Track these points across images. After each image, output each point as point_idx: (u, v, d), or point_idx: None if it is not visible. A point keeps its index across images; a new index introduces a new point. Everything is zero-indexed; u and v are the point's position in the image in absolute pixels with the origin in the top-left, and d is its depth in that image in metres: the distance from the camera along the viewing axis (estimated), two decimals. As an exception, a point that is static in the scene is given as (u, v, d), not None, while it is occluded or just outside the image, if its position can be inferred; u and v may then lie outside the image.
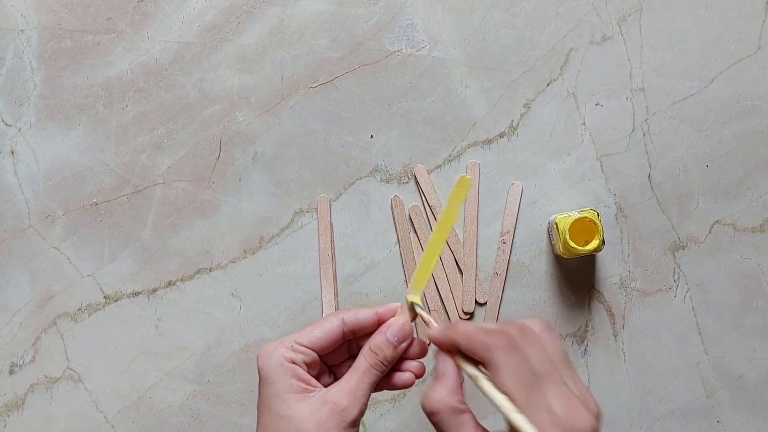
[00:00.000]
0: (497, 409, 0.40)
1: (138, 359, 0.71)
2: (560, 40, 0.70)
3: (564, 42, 0.70)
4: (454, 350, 0.44)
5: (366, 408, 0.46)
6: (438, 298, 0.71)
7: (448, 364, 0.44)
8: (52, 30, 0.71)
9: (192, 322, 0.71)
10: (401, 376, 0.49)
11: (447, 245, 0.71)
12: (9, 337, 0.71)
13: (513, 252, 0.71)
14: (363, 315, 0.48)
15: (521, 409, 0.39)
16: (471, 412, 0.42)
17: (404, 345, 0.48)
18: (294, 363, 0.46)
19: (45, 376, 0.71)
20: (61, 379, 0.71)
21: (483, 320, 0.71)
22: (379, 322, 0.48)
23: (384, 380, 0.49)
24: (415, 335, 0.50)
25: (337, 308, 0.71)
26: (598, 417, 0.41)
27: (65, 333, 0.71)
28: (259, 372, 0.47)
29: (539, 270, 0.71)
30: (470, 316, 0.71)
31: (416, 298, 0.48)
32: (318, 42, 0.71)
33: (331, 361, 0.50)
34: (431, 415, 0.42)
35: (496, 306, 0.71)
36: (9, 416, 0.71)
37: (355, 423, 0.46)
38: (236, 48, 0.71)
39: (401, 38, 0.71)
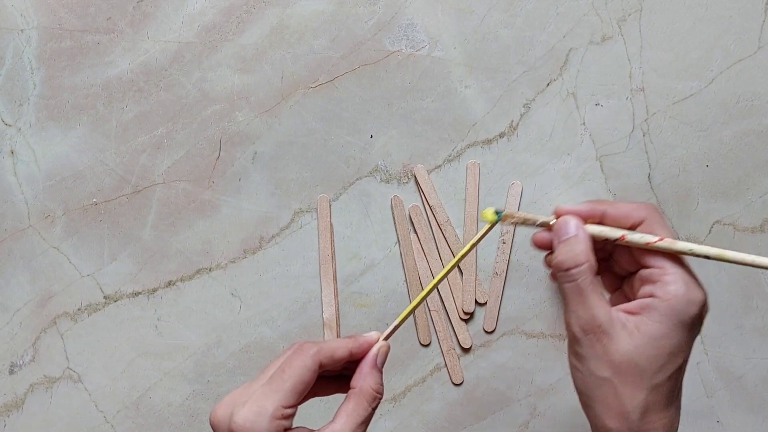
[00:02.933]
0: (659, 248, 0.42)
1: (138, 359, 0.71)
2: (560, 40, 0.70)
3: (564, 42, 0.70)
4: (586, 222, 0.45)
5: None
6: (438, 298, 0.71)
7: (578, 228, 0.44)
8: (52, 30, 0.71)
9: (192, 322, 0.71)
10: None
11: (447, 245, 0.71)
12: (9, 337, 0.71)
13: (513, 252, 0.71)
14: (339, 354, 0.44)
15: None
16: None
17: (362, 338, 0.46)
18: (287, 430, 0.41)
19: (45, 375, 0.71)
20: (61, 379, 0.71)
21: (483, 321, 0.71)
22: (351, 355, 0.45)
23: (331, 386, 0.47)
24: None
25: (337, 308, 0.71)
26: None
27: (65, 333, 0.71)
28: None
29: (539, 270, 0.71)
30: (470, 316, 0.71)
31: (489, 213, 0.47)
32: (318, 42, 0.71)
33: None
34: (572, 269, 0.43)
35: (496, 306, 0.71)
36: (9, 416, 0.71)
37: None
38: (236, 48, 0.71)
39: (401, 38, 0.71)
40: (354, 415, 0.43)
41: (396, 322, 0.48)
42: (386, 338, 0.47)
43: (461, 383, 0.71)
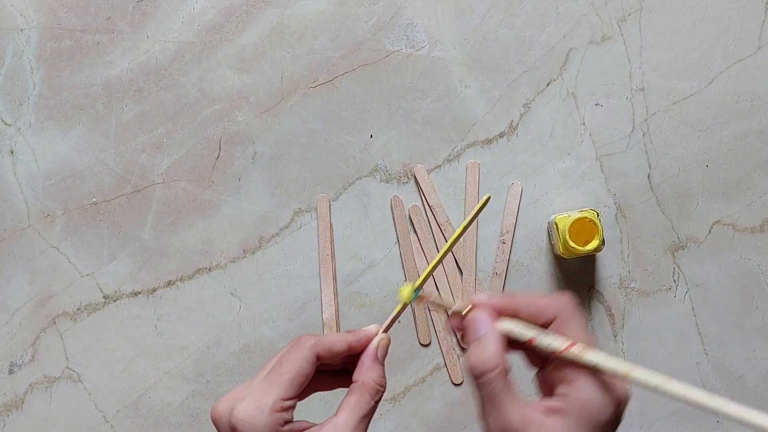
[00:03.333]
0: (567, 357, 0.41)
1: (137, 359, 0.71)
2: (560, 40, 0.70)
3: (564, 42, 0.70)
4: (500, 316, 0.43)
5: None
6: (438, 297, 0.71)
7: (489, 326, 0.43)
8: (52, 30, 0.71)
9: (191, 321, 0.71)
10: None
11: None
12: (8, 337, 0.71)
13: (513, 252, 0.71)
14: (337, 348, 0.44)
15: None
16: None
17: (361, 332, 0.45)
18: (287, 423, 0.42)
19: (44, 375, 0.71)
20: (61, 378, 0.71)
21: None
22: (350, 349, 0.45)
23: (335, 380, 0.47)
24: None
25: (337, 308, 0.71)
26: None
27: (65, 333, 0.71)
28: None
29: (539, 270, 0.71)
30: (470, 316, 0.71)
31: (406, 292, 0.46)
32: (318, 42, 0.71)
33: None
34: (481, 376, 0.41)
35: (495, 306, 0.71)
36: (8, 416, 0.71)
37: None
38: (236, 48, 0.71)
39: (401, 38, 0.71)
40: (356, 408, 0.43)
41: (393, 314, 0.47)
42: (385, 331, 0.47)
43: (461, 383, 0.71)
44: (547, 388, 0.44)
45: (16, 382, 0.71)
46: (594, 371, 0.41)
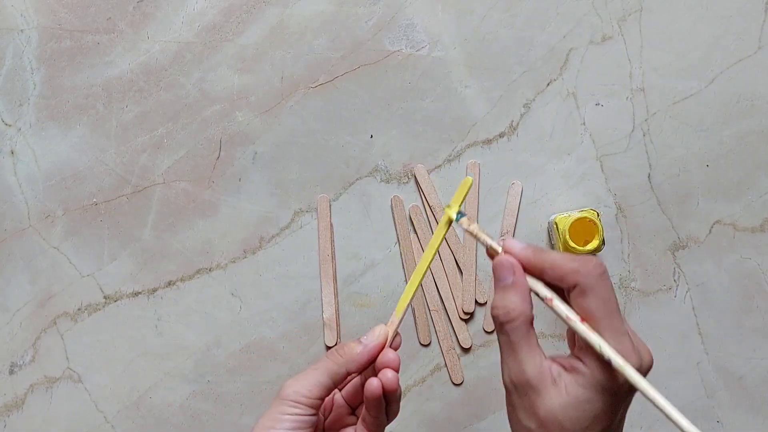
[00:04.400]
0: (573, 329, 0.41)
1: (138, 359, 0.71)
2: (560, 40, 0.70)
3: (564, 42, 0.70)
4: (528, 271, 0.44)
5: (308, 399, 0.46)
6: (438, 298, 0.71)
7: (517, 274, 0.43)
8: (52, 30, 0.71)
9: (192, 322, 0.71)
10: (368, 382, 0.47)
11: (447, 245, 0.71)
12: (9, 337, 0.71)
13: (513, 252, 0.71)
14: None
15: (602, 333, 0.40)
16: None
17: (371, 345, 0.47)
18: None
19: (45, 376, 0.71)
20: (61, 379, 0.71)
21: (483, 321, 0.71)
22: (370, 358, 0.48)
23: (354, 394, 0.49)
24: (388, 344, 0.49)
25: (337, 308, 0.71)
26: None
27: (65, 333, 0.71)
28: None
29: (539, 270, 0.71)
30: (470, 316, 0.71)
31: (452, 211, 0.46)
32: (318, 42, 0.71)
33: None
34: (506, 323, 0.42)
35: (496, 306, 0.71)
36: (9, 416, 0.71)
37: (288, 403, 0.45)
38: (236, 48, 0.71)
39: (401, 38, 0.71)
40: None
41: (399, 318, 0.48)
42: (395, 330, 0.48)
43: (461, 383, 0.71)
44: (573, 344, 0.44)
45: (16, 382, 0.71)
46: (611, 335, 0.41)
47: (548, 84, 0.70)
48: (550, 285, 0.43)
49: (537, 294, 0.43)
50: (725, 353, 0.71)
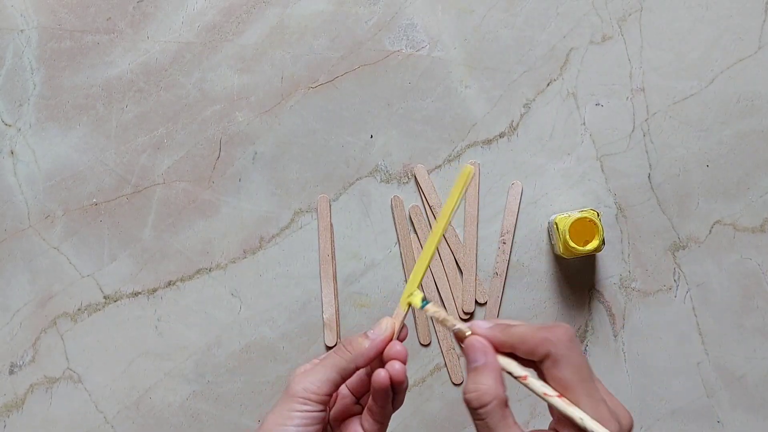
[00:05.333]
0: (551, 405, 0.41)
1: (138, 359, 0.71)
2: (560, 40, 0.70)
3: (564, 42, 0.70)
4: (498, 351, 0.43)
5: (318, 396, 0.46)
6: (438, 298, 0.71)
7: (488, 355, 0.43)
8: (52, 30, 0.71)
9: (192, 322, 0.71)
10: (375, 373, 0.47)
11: (447, 245, 0.71)
12: (9, 337, 0.71)
13: (513, 252, 0.71)
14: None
15: (579, 402, 0.40)
16: None
17: (379, 339, 0.47)
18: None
19: (45, 376, 0.71)
20: (61, 379, 0.71)
21: (484, 319, 0.71)
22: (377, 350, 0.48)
23: (359, 384, 0.49)
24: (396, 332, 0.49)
25: (337, 308, 0.71)
26: None
27: (65, 333, 0.71)
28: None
29: (539, 270, 0.71)
30: (470, 316, 0.71)
31: (416, 299, 0.47)
32: (318, 42, 0.71)
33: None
34: (479, 408, 0.41)
35: (496, 306, 0.71)
36: (9, 416, 0.71)
37: (299, 400, 0.45)
38: (236, 48, 0.71)
39: (401, 38, 0.71)
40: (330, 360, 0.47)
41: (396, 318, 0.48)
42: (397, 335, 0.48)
43: (461, 383, 0.71)
44: (552, 415, 0.44)
45: (16, 382, 0.71)
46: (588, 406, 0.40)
47: (548, 84, 0.70)
48: (522, 360, 0.43)
49: (511, 374, 0.42)
50: (725, 353, 0.71)
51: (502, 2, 0.70)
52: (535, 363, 0.42)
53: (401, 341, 0.48)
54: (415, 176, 0.71)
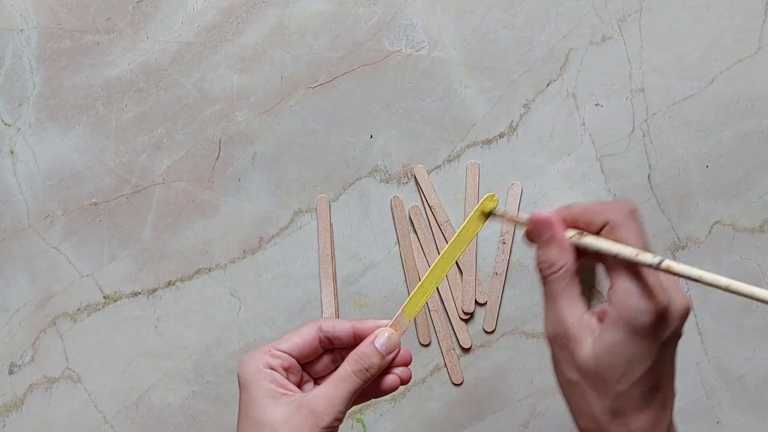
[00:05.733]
0: (626, 257, 0.41)
1: (137, 359, 0.71)
2: (560, 40, 0.70)
3: (564, 42, 0.70)
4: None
5: (343, 416, 0.46)
6: (438, 298, 0.71)
7: (555, 226, 0.43)
8: (52, 30, 0.71)
9: (191, 322, 0.71)
10: (386, 379, 0.48)
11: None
12: (8, 337, 0.71)
13: (513, 252, 0.71)
14: (340, 325, 0.48)
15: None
16: None
17: (391, 356, 0.48)
18: (272, 368, 0.47)
19: (44, 376, 0.71)
20: (61, 379, 0.71)
21: (483, 321, 0.71)
22: (355, 336, 0.48)
23: (370, 387, 0.49)
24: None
25: (337, 308, 0.71)
26: None
27: (64, 333, 0.71)
28: (238, 379, 0.48)
29: (539, 270, 0.71)
30: (470, 316, 0.71)
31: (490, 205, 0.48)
32: (318, 42, 0.71)
33: (315, 373, 0.50)
34: (549, 274, 0.43)
35: (496, 306, 0.71)
36: (8, 416, 0.71)
37: (331, 429, 0.45)
38: (236, 48, 0.71)
39: (401, 38, 0.71)
40: (335, 375, 0.47)
41: (401, 310, 0.49)
42: (392, 326, 0.49)
43: (461, 383, 0.71)
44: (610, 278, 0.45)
45: (15, 382, 0.71)
46: (635, 273, 0.40)
47: (548, 84, 0.70)
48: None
49: (571, 238, 0.43)
50: (725, 353, 0.71)
51: (502, 2, 0.70)
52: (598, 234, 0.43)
53: (381, 347, 0.48)
54: (414, 176, 0.71)
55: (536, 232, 0.44)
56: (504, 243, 0.71)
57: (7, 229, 0.71)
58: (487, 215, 0.48)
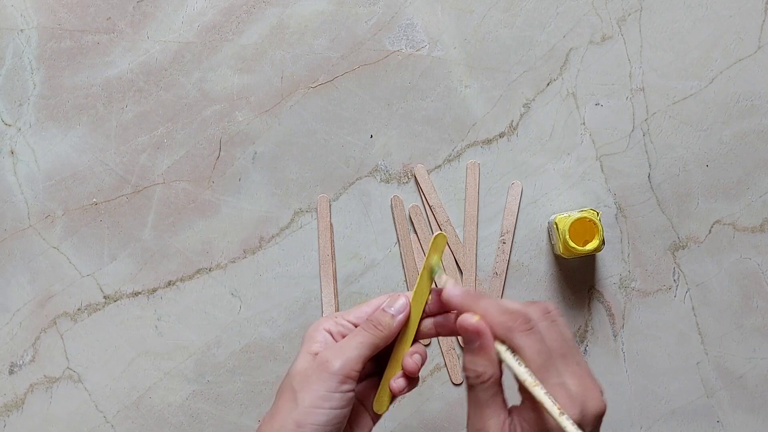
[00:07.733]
0: (521, 381, 0.42)
1: (138, 359, 0.71)
2: (560, 40, 0.70)
3: (564, 42, 0.70)
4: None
5: (356, 374, 0.46)
6: (438, 298, 0.71)
7: (485, 339, 0.44)
8: (52, 30, 0.71)
9: (192, 322, 0.71)
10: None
11: (447, 245, 0.71)
12: (9, 337, 0.71)
13: (513, 252, 0.71)
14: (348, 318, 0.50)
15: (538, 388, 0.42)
16: None
17: (401, 317, 0.48)
18: (330, 332, 0.48)
19: (45, 376, 0.71)
20: (61, 379, 0.71)
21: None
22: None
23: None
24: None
25: (337, 308, 0.71)
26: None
27: (65, 333, 0.71)
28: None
29: (539, 270, 0.71)
30: (470, 316, 0.71)
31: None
32: (318, 42, 0.71)
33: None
34: (479, 380, 0.44)
35: (496, 306, 0.71)
36: (9, 416, 0.71)
37: (339, 379, 0.45)
38: (236, 48, 0.71)
39: (401, 38, 0.71)
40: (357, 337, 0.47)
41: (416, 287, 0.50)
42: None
43: (461, 383, 0.71)
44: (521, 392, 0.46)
45: (16, 382, 0.71)
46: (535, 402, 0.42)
47: (548, 84, 0.70)
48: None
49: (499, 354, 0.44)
50: (725, 353, 0.71)
51: (502, 2, 0.70)
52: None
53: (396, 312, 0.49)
54: (414, 176, 0.71)
55: (466, 338, 0.45)
56: (504, 243, 0.71)
57: (8, 229, 0.71)
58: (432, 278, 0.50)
